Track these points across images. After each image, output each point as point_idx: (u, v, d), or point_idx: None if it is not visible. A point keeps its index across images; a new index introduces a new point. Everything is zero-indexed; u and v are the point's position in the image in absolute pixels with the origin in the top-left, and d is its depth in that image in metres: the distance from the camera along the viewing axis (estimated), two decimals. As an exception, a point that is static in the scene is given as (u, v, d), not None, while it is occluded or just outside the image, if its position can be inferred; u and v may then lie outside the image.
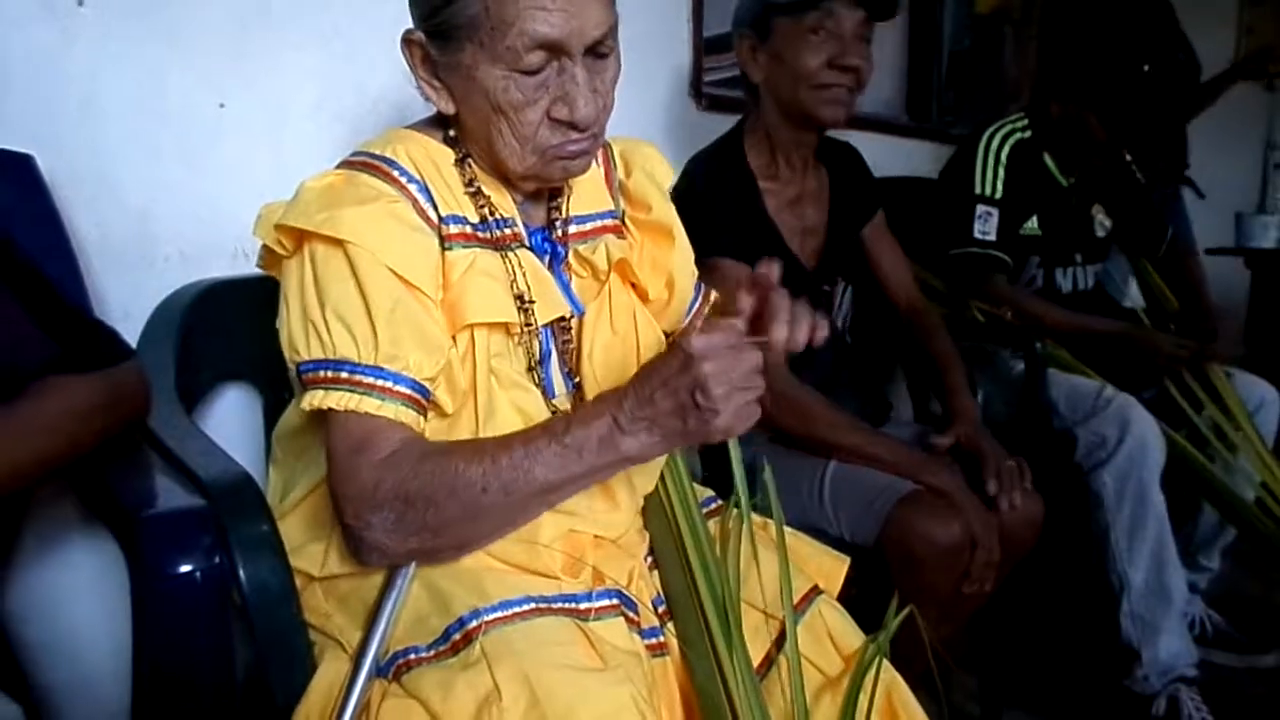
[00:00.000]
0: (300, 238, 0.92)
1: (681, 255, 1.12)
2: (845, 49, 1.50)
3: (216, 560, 0.79)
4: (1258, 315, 3.12)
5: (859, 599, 1.40)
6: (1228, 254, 3.18)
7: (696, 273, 1.19)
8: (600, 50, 0.92)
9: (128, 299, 1.30)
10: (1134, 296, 2.19)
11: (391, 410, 0.88)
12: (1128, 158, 2.18)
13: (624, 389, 0.88)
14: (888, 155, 2.56)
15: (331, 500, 0.90)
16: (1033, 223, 2.04)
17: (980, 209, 1.99)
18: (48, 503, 1.12)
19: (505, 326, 0.96)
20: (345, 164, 0.97)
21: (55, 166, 1.23)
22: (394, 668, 0.87)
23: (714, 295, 1.22)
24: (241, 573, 0.86)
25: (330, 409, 0.88)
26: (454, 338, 0.93)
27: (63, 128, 1.26)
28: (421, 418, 0.91)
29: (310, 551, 0.97)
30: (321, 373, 0.89)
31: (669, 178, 1.14)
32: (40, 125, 1.24)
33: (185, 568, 0.78)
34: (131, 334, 1.15)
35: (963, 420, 1.53)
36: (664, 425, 0.86)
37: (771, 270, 0.89)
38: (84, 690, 1.02)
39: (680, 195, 1.16)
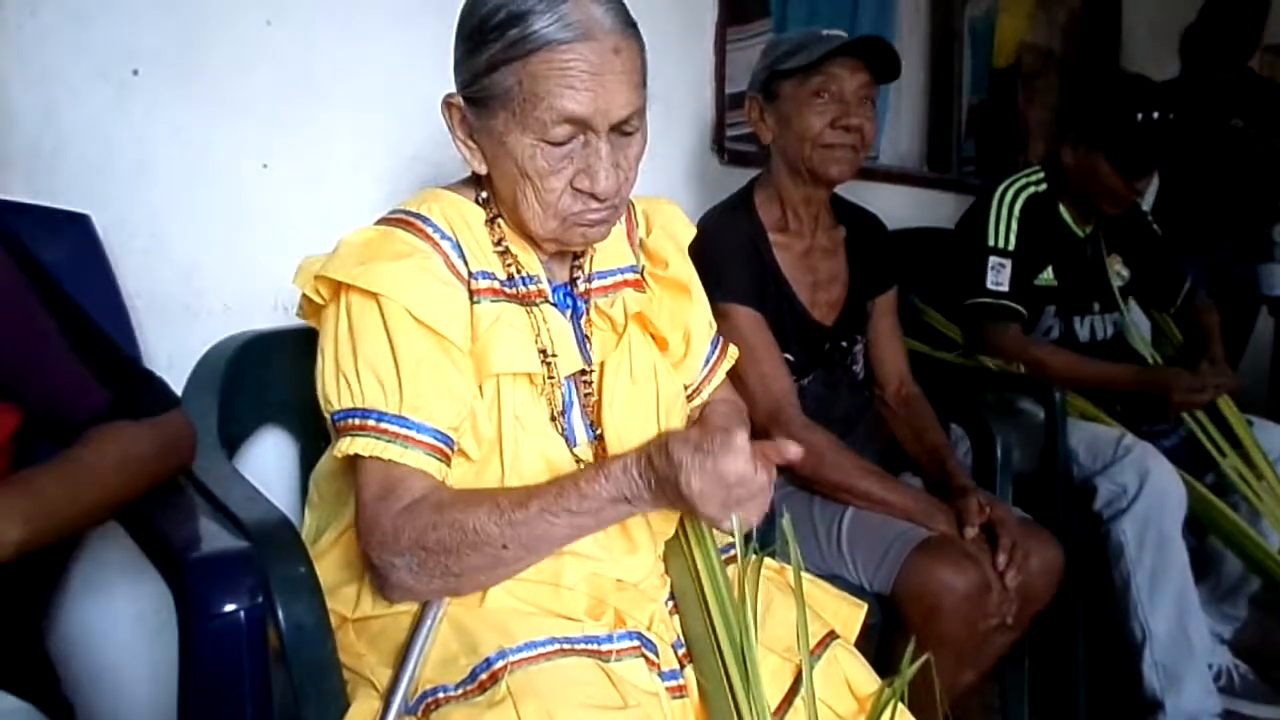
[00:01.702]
0: (337, 289, 0.97)
1: (698, 310, 1.17)
2: (847, 110, 1.55)
3: (259, 600, 0.83)
4: (1281, 363, 3.12)
5: (879, 646, 1.42)
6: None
7: (715, 327, 1.23)
8: (626, 129, 0.98)
9: (173, 349, 1.36)
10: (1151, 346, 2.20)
11: (413, 458, 0.93)
12: (1144, 208, 2.21)
13: (630, 473, 0.92)
14: (909, 206, 2.61)
15: (358, 541, 0.95)
16: (1048, 273, 2.06)
17: (993, 260, 2.01)
18: (95, 544, 1.17)
19: (529, 377, 1.01)
20: (383, 220, 1.03)
21: (108, 224, 1.30)
22: (423, 706, 0.90)
23: (732, 352, 1.26)
24: (280, 613, 0.90)
25: (358, 455, 0.93)
26: (480, 387, 0.98)
27: (116, 188, 1.33)
28: (444, 466, 0.95)
29: (344, 593, 1.01)
30: (352, 420, 0.95)
31: (689, 237, 1.19)
32: (95, 186, 1.31)
33: (230, 607, 0.81)
34: (176, 382, 1.20)
35: (973, 495, 1.50)
36: (662, 506, 0.94)
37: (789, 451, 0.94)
38: (128, 725, 1.06)
39: (693, 247, 1.20)
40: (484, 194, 1.05)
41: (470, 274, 1.00)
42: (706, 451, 0.87)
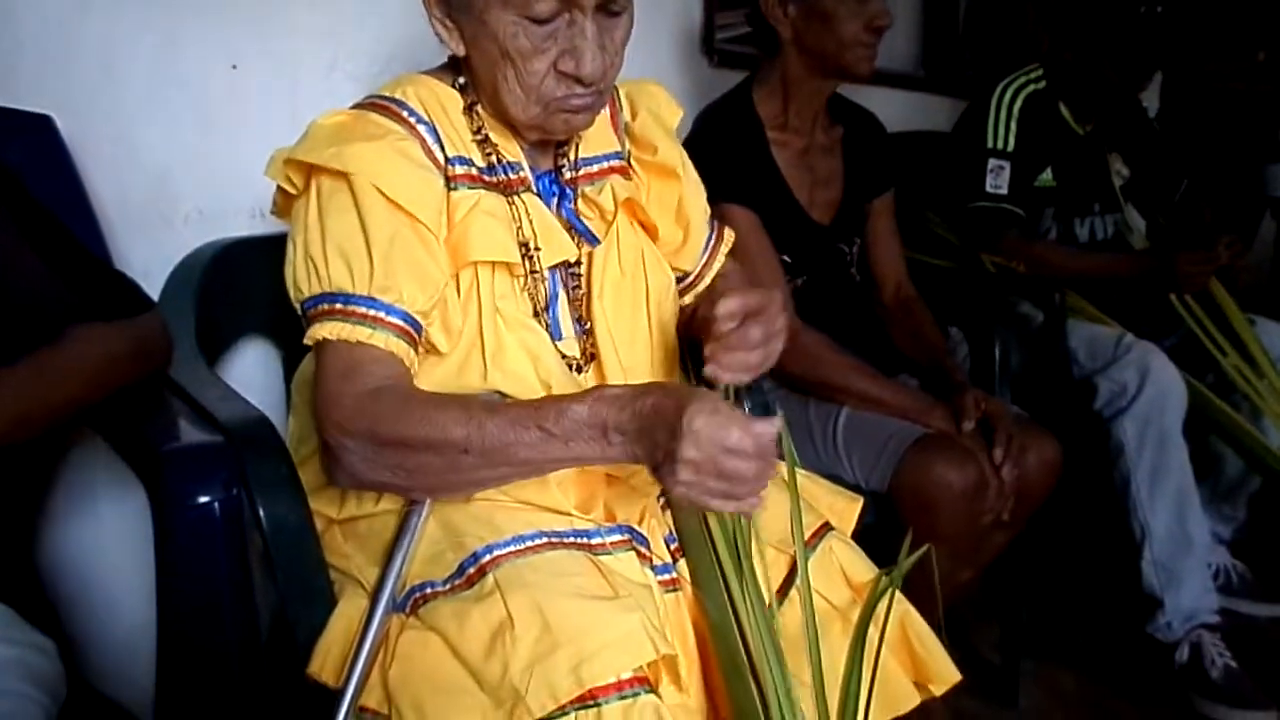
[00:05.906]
0: (309, 176, 0.94)
1: (692, 192, 1.13)
2: (879, 10, 1.52)
3: (234, 493, 0.81)
4: (1284, 265, 3.08)
5: (877, 546, 1.41)
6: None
7: (709, 210, 1.20)
8: (613, 8, 0.93)
9: (148, 258, 1.31)
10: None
11: (382, 339, 0.89)
12: (1144, 105, 2.16)
13: (624, 399, 0.85)
14: (906, 110, 2.53)
15: (314, 419, 0.91)
16: (1047, 174, 2.01)
17: (992, 163, 1.97)
18: (78, 458, 1.15)
19: (509, 268, 0.98)
20: (356, 105, 0.99)
21: (74, 129, 1.25)
22: (411, 602, 0.89)
23: (728, 234, 1.22)
24: (261, 512, 0.89)
25: (324, 339, 0.90)
26: (457, 277, 0.95)
27: (81, 91, 1.28)
28: (412, 350, 0.92)
29: (329, 494, 0.99)
30: (320, 306, 0.91)
31: (676, 117, 1.15)
32: (59, 88, 1.26)
33: (203, 499, 0.80)
34: (152, 292, 1.16)
35: (969, 391, 1.48)
36: (637, 453, 0.85)
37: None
38: (113, 634, 1.05)
39: (689, 144, 1.16)
40: (462, 80, 1.01)
41: (447, 159, 0.97)
42: (719, 412, 0.80)
